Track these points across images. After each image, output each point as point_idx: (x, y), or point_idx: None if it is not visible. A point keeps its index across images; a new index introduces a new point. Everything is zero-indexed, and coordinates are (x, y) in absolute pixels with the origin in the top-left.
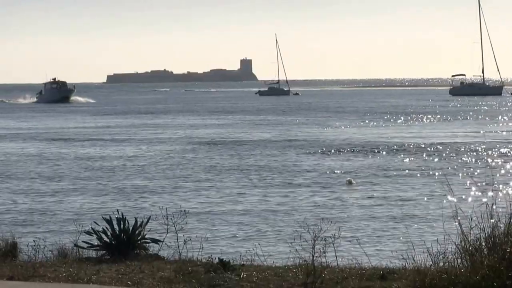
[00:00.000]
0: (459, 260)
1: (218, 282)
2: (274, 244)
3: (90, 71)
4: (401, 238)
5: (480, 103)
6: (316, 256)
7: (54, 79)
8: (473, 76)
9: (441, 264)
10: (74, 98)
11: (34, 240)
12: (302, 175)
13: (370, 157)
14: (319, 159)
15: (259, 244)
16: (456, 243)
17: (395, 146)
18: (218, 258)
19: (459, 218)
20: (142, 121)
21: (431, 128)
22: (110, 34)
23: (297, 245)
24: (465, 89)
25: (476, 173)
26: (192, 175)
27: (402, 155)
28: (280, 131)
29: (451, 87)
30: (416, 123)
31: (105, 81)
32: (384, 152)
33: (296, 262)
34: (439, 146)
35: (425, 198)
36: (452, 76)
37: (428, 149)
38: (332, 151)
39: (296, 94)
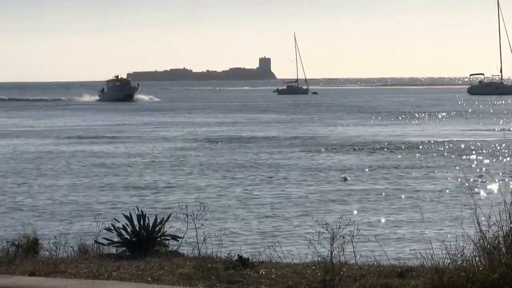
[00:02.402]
0: (477, 258)
1: (237, 279)
2: (293, 241)
3: (109, 69)
4: (418, 236)
5: (498, 102)
6: (334, 254)
7: (117, 76)
8: (492, 75)
9: (459, 262)
10: (138, 96)
11: (55, 237)
12: (306, 172)
13: (383, 154)
14: (325, 156)
15: (278, 241)
16: (474, 241)
17: (411, 144)
18: (237, 255)
19: (477, 216)
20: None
21: (449, 126)
22: (129, 32)
23: (315, 242)
24: (484, 88)
25: (494, 171)
26: (208, 172)
27: (418, 152)
28: (296, 129)
29: (469, 86)
30: (434, 121)
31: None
32: (400, 150)
33: (314, 259)
34: (457, 144)
35: (443, 196)
36: (471, 75)
37: (446, 146)
38: (344, 148)
39: (315, 93)
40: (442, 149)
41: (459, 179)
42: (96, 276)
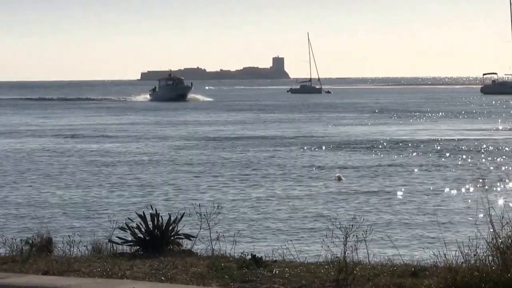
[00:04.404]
0: (490, 258)
1: (251, 278)
2: (306, 240)
3: (123, 68)
4: (431, 235)
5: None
6: (347, 253)
7: (169, 75)
8: (505, 74)
9: (473, 261)
10: (191, 96)
11: (69, 235)
12: (313, 170)
13: (395, 153)
14: (330, 155)
15: (291, 240)
16: (488, 241)
17: (424, 143)
18: (251, 254)
19: (490, 215)
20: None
21: (460, 126)
22: (143, 31)
23: (329, 241)
24: (497, 87)
25: (507, 170)
26: (218, 171)
27: (427, 151)
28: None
29: (483, 86)
30: (444, 121)
31: (139, 78)
32: (414, 148)
33: (328, 258)
34: (469, 143)
35: (455, 195)
36: (484, 74)
37: (461, 146)
38: (349, 147)
39: (328, 92)
40: (453, 148)
41: (472, 179)
42: (110, 275)
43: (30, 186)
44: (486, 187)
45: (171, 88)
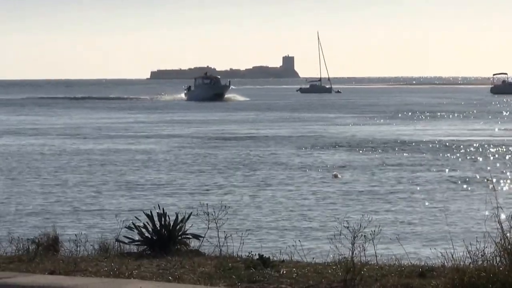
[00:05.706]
0: (498, 259)
1: (258, 278)
2: (314, 240)
3: (133, 67)
4: (438, 235)
5: None
6: (355, 253)
7: (206, 73)
8: None
9: (480, 262)
10: (228, 95)
11: (75, 235)
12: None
13: (400, 153)
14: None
15: (298, 240)
16: (495, 241)
17: (431, 143)
18: (258, 254)
19: (499, 216)
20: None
21: (469, 126)
22: (152, 30)
23: (336, 241)
24: (507, 87)
25: None
26: (222, 171)
27: (439, 151)
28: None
29: (492, 86)
30: (452, 121)
31: (148, 77)
32: (419, 148)
33: (335, 258)
34: (481, 143)
35: (464, 196)
36: (494, 74)
37: (468, 145)
38: (350, 147)
39: (338, 91)
40: (461, 148)
41: (479, 179)
42: (117, 274)
43: (43, 185)
44: (494, 187)
45: (208, 87)
